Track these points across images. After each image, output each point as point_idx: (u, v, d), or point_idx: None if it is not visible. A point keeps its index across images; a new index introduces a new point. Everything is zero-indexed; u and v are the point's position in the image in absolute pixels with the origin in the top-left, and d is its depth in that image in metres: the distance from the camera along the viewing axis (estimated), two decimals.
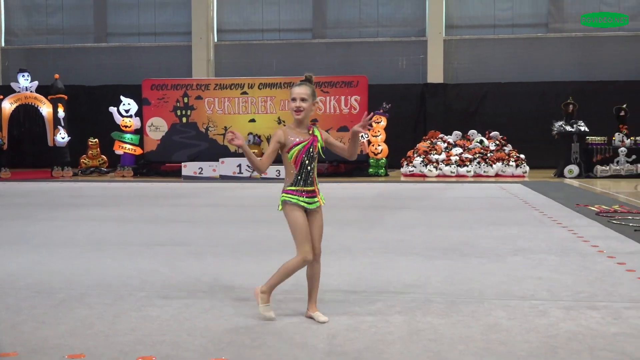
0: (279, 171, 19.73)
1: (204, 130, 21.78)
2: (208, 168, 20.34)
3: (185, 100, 21.84)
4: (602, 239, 7.56)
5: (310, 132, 4.38)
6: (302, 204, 4.29)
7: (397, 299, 4.86)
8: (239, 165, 20.07)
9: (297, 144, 4.29)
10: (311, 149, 4.33)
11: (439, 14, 25.62)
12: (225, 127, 21.59)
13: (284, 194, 4.34)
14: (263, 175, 19.48)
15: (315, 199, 4.34)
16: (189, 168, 20.45)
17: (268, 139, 21.36)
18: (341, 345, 3.78)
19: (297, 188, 4.31)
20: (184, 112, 21.88)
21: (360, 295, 4.97)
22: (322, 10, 26.68)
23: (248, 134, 21.37)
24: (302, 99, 4.32)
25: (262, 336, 3.94)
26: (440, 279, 5.51)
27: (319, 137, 4.39)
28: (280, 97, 21.40)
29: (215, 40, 27.18)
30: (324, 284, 5.35)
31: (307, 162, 4.31)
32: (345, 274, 5.72)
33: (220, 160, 20.36)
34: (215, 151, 21.31)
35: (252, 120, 21.58)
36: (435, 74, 25.43)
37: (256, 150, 20.88)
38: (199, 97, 21.80)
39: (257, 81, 21.81)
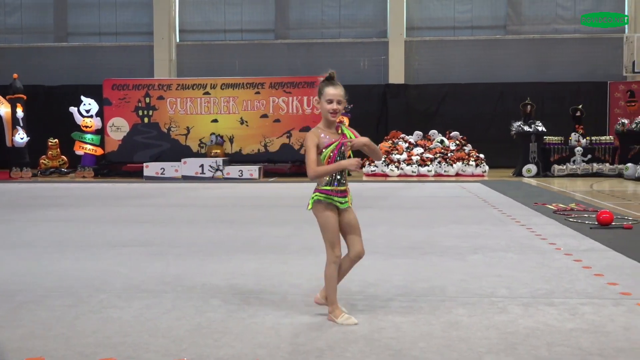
0: (242, 171, 19.68)
1: (166, 131, 21.61)
2: (170, 168, 20.19)
3: (147, 100, 21.65)
4: (559, 237, 7.71)
5: (339, 131, 4.35)
6: (337, 203, 4.28)
7: (359, 297, 4.90)
8: (202, 166, 19.96)
9: (330, 144, 4.26)
10: (342, 148, 4.30)
11: (399, 15, 25.82)
12: (188, 127, 21.46)
13: (317, 193, 4.28)
14: (226, 176, 19.43)
15: (346, 199, 4.32)
16: (151, 168, 20.28)
17: (230, 139, 21.31)
18: (304, 344, 3.81)
19: (332, 188, 4.27)
20: (145, 112, 21.69)
21: None
22: (284, 11, 26.68)
23: (210, 135, 21.28)
24: (339, 102, 4.29)
25: (224, 336, 3.95)
26: (402, 278, 5.57)
27: (348, 135, 4.34)
28: (242, 98, 21.35)
29: (177, 40, 26.99)
30: (285, 282, 5.38)
31: (339, 160, 4.27)
32: (308, 274, 5.74)
33: (183, 160, 20.23)
34: (177, 151, 21.17)
35: (215, 121, 21.49)
36: (396, 75, 25.61)
37: (218, 151, 20.80)
38: (160, 97, 21.63)
39: (220, 81, 21.72)
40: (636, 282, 5.31)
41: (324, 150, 4.24)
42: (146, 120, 21.67)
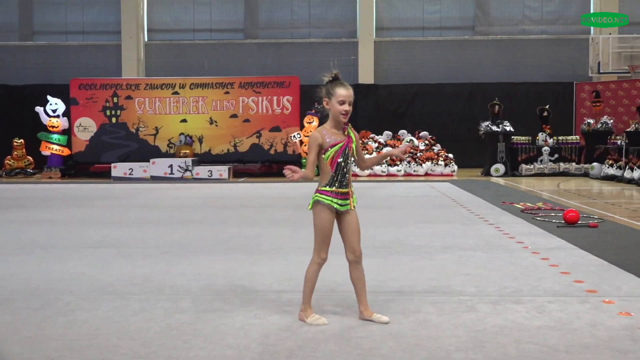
0: (211, 171, 19.58)
1: (134, 131, 21.42)
2: (139, 169, 20.01)
3: (115, 100, 21.43)
4: (526, 236, 7.80)
5: (345, 133, 4.32)
6: (335, 205, 4.24)
7: (329, 297, 4.91)
8: (170, 166, 19.82)
9: (334, 145, 4.22)
10: (347, 150, 4.26)
11: (369, 15, 25.90)
12: (157, 127, 21.28)
13: (317, 194, 4.27)
14: (195, 176, 19.32)
15: (347, 201, 4.28)
16: (119, 169, 20.08)
17: (200, 139, 21.19)
18: (273, 344, 3.80)
19: (332, 189, 4.25)
20: (113, 112, 21.47)
21: (292, 295, 4.99)
22: (253, 10, 26.59)
23: (180, 135, 21.14)
24: (350, 103, 4.28)
25: (194, 338, 3.92)
26: (372, 277, 5.57)
27: (354, 138, 4.32)
28: (212, 97, 21.24)
29: (146, 39, 26.75)
30: (255, 283, 5.36)
31: (342, 163, 4.25)
32: (277, 274, 5.73)
33: (151, 160, 20.06)
34: (146, 152, 20.99)
35: (184, 121, 21.35)
36: (366, 75, 25.68)
37: (187, 151, 20.68)
38: (129, 97, 21.42)
39: (189, 81, 21.58)
40: (602, 280, 5.38)
41: (329, 149, 4.21)
42: (114, 120, 21.45)
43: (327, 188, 4.24)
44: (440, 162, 20.65)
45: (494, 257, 6.45)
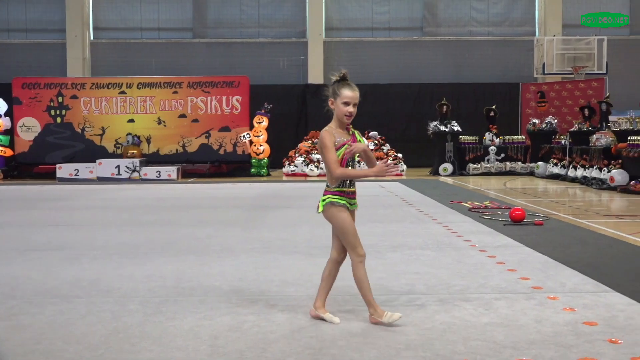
0: (159, 172, 19.36)
1: (80, 131, 21.02)
2: (85, 170, 19.66)
3: (60, 99, 21.00)
4: (474, 234, 7.91)
5: (350, 132, 4.29)
6: (348, 204, 4.25)
7: (279, 297, 4.90)
8: (118, 167, 19.53)
9: (342, 145, 4.19)
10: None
11: (318, 16, 25.96)
12: (103, 127, 20.93)
13: (330, 196, 4.21)
14: (143, 177, 19.06)
15: (354, 201, 4.30)
16: (64, 170, 19.68)
17: (147, 140, 20.92)
18: (223, 346, 3.77)
19: (344, 189, 4.23)
20: (58, 111, 21.03)
21: (242, 295, 4.96)
22: (202, 9, 26.39)
23: (127, 135, 20.83)
24: (355, 104, 4.24)
25: (141, 341, 3.87)
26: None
27: (358, 137, 4.31)
28: (160, 97, 20.99)
29: (92, 38, 26.30)
30: (205, 284, 5.31)
31: (350, 163, 4.22)
32: (228, 274, 5.69)
33: (98, 161, 19.72)
34: (92, 152, 20.63)
35: (131, 121, 21.05)
36: (315, 75, 25.73)
37: (135, 151, 20.39)
38: (74, 97, 21.02)
39: (136, 80, 21.28)
40: (547, 277, 5.50)
41: (339, 149, 4.19)
42: (59, 120, 21.03)
43: (339, 188, 4.23)
44: (389, 162, 20.81)
45: (442, 256, 6.52)
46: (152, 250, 7.01)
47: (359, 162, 4.36)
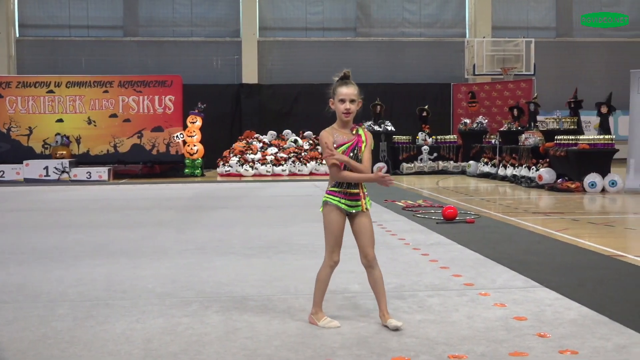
0: (90, 173, 18.94)
1: (5, 131, 20.34)
2: (11, 171, 19.05)
3: None
4: (408, 232, 8.01)
5: (354, 132, 4.18)
6: (343, 206, 4.11)
7: (214, 299, 4.85)
8: (46, 168, 18.99)
9: (342, 145, 4.11)
10: (355, 150, 4.12)
11: (252, 15, 25.85)
12: (30, 127, 20.32)
13: (326, 195, 4.15)
14: (73, 178, 18.60)
15: (358, 203, 4.13)
16: None
17: (77, 140, 20.42)
18: (156, 349, 3.71)
19: (341, 189, 4.12)
20: None
21: (175, 298, 4.89)
22: (133, 7, 25.93)
23: (56, 135, 20.27)
24: (351, 101, 4.15)
25: (72, 346, 3.77)
26: (257, 277, 5.56)
27: (364, 138, 4.16)
28: (90, 97, 20.49)
29: (17, 35, 25.52)
30: (137, 286, 5.22)
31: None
32: (161, 276, 5.60)
33: (25, 162, 19.14)
34: (18, 153, 19.97)
35: (60, 120, 20.49)
36: (249, 75, 25.62)
37: (64, 152, 19.88)
38: None
39: (65, 79, 20.73)
40: (478, 274, 5.61)
41: (337, 148, 4.13)
42: None
43: (336, 188, 4.15)
44: (324, 162, 20.88)
45: (376, 254, 6.54)
46: (82, 253, 6.84)
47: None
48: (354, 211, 4.15)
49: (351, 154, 4.12)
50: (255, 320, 4.26)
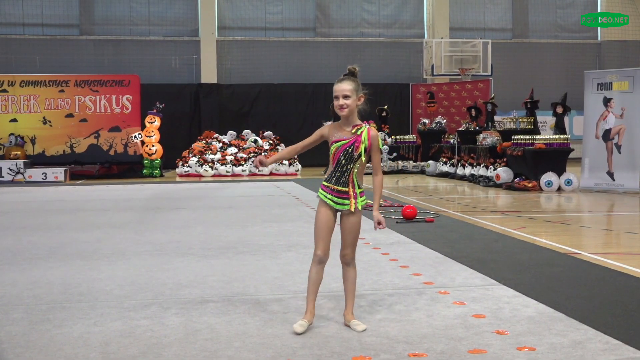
0: (45, 174, 18.60)
1: None
2: None
3: None
4: (367, 232, 8.01)
5: (354, 131, 4.08)
6: (329, 201, 4.11)
7: (173, 300, 4.80)
8: (0, 169, 18.58)
9: (337, 141, 4.06)
10: (350, 149, 4.04)
11: (211, 14, 25.68)
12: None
13: (319, 188, 4.20)
14: (28, 179, 18.23)
15: (346, 201, 4.10)
16: None
17: (32, 140, 20.05)
18: (115, 352, 3.65)
19: (329, 185, 4.12)
20: None
21: (134, 300, 4.82)
22: (89, 5, 25.54)
23: (9, 135, 19.86)
24: (345, 96, 4.08)
25: (27, 351, 3.69)
26: (217, 278, 5.52)
27: (364, 138, 4.05)
28: (45, 96, 20.12)
29: None
30: (94, 289, 5.13)
31: (343, 161, 4.07)
32: (119, 278, 5.52)
33: None
34: None
35: (14, 120, 20.08)
36: (208, 74, 25.45)
37: (19, 152, 19.49)
38: None
39: (19, 78, 20.31)
40: (438, 272, 5.65)
41: (332, 144, 4.09)
42: None
43: (326, 183, 4.17)
44: (284, 162, 20.84)
45: (336, 254, 6.55)
46: (36, 255, 6.71)
47: (345, 171, 4.13)
48: (342, 209, 4.15)
49: (344, 152, 4.07)
50: (215, 321, 4.23)
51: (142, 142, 20.25)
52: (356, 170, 4.13)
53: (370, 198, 4.26)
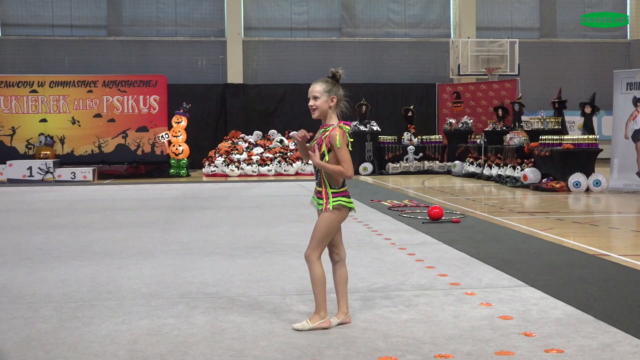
0: (74, 173, 18.81)
1: None
2: None
3: None
4: (394, 232, 8.01)
5: (322, 131, 4.15)
6: (313, 201, 4.25)
7: (200, 299, 4.83)
8: (30, 168, 18.84)
9: (313, 140, 4.16)
10: (318, 149, 4.10)
11: (237, 15, 25.78)
12: (13, 127, 20.14)
13: None
14: (57, 178, 18.43)
15: (321, 201, 4.16)
16: None
17: (61, 140, 20.30)
18: (142, 350, 3.69)
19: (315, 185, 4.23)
20: None
21: (161, 298, 4.86)
22: (117, 7, 25.78)
23: (39, 135, 20.12)
24: (314, 97, 4.12)
25: (57, 348, 3.74)
26: (243, 278, 5.55)
27: (323, 138, 4.10)
28: (74, 96, 20.35)
29: (0, 34, 25.29)
30: (122, 287, 5.18)
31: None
32: (146, 277, 5.57)
33: (8, 162, 18.98)
34: (2, 153, 19.79)
35: (44, 120, 20.35)
36: (235, 75, 25.55)
37: (48, 152, 19.74)
38: None
39: (48, 79, 20.57)
40: (464, 273, 5.62)
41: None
42: None
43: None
44: (310, 162, 20.84)
45: (362, 254, 6.58)
46: (66, 253, 6.80)
47: (318, 171, 4.20)
48: (319, 208, 4.21)
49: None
50: (242, 320, 4.25)
51: (169, 142, 20.39)
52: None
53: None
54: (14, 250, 7.08)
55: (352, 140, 4.16)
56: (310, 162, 4.21)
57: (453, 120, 21.32)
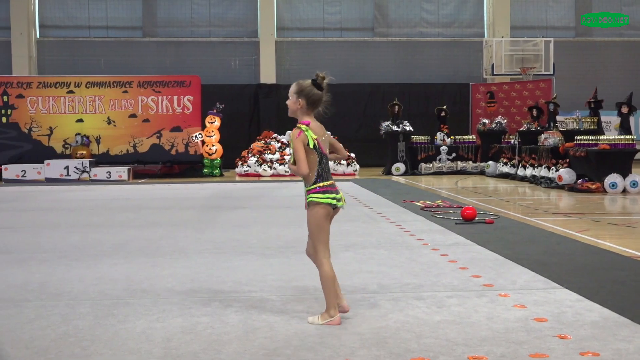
0: (110, 173, 19.07)
1: (26, 131, 20.53)
2: (32, 170, 19.23)
3: (5, 99, 20.48)
4: (426, 233, 7.98)
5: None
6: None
7: (233, 298, 4.86)
8: (67, 167, 19.15)
9: None
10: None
11: (270, 15, 25.90)
12: (51, 127, 20.48)
13: None
14: (93, 177, 18.70)
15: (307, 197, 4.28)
16: (10, 171, 19.22)
17: (97, 140, 20.60)
18: (176, 348, 3.73)
19: None
20: (3, 111, 20.49)
21: (195, 297, 4.91)
22: (152, 8, 26.08)
23: (76, 135, 20.43)
24: (288, 98, 4.33)
25: (93, 344, 3.80)
26: (276, 277, 5.57)
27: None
28: (109, 97, 20.63)
29: (38, 36, 25.75)
30: (156, 286, 5.25)
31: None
32: (180, 276, 5.63)
33: (46, 162, 19.32)
34: (39, 153, 20.16)
35: (80, 120, 20.66)
36: (267, 75, 25.67)
37: (84, 152, 20.04)
38: (20, 96, 20.52)
39: (84, 80, 20.88)
40: (498, 274, 5.58)
41: None
42: (4, 120, 20.50)
43: None
44: (342, 162, 20.87)
45: (395, 255, 6.56)
46: (102, 252, 6.89)
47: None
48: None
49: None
50: (274, 320, 4.27)
51: (203, 142, 20.56)
52: None
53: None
54: (51, 248, 7.21)
55: (315, 137, 4.26)
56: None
57: (486, 120, 21.15)
